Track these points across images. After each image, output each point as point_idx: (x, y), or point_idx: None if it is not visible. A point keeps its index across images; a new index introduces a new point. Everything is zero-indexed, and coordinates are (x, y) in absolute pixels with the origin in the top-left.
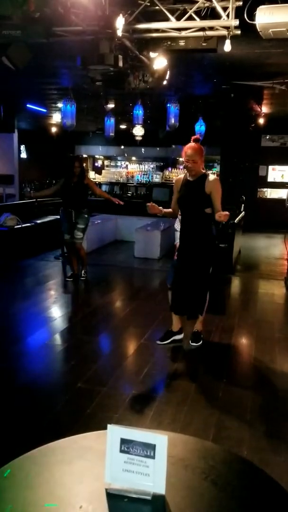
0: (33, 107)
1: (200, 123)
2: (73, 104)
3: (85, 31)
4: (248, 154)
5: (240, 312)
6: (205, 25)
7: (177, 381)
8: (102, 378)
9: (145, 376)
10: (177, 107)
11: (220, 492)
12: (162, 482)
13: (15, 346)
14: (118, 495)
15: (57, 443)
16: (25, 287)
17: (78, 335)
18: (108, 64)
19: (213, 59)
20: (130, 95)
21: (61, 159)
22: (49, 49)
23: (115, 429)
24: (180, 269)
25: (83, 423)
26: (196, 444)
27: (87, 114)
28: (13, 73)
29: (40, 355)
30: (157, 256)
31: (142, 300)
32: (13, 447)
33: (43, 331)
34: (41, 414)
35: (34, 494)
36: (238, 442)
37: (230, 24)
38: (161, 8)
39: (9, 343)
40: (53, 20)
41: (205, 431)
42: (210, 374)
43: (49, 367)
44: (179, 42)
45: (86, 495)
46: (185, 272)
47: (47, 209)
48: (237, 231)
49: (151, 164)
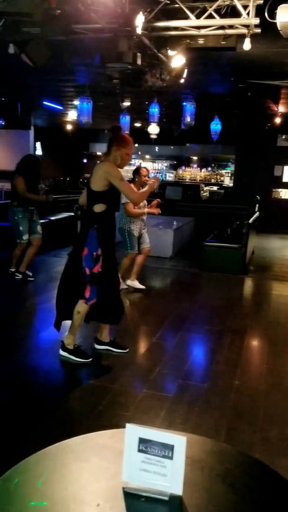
0: (50, 104)
1: (216, 122)
2: (89, 102)
3: (104, 28)
4: (263, 153)
5: (252, 313)
6: (224, 24)
7: (189, 381)
8: (114, 375)
9: (157, 375)
10: (193, 105)
11: (237, 495)
12: (179, 483)
13: (27, 342)
14: (135, 494)
15: (73, 440)
16: (38, 283)
17: (90, 332)
18: (126, 62)
19: (230, 58)
20: (146, 93)
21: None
22: (67, 47)
23: (134, 428)
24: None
25: (94, 420)
26: (213, 446)
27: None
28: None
29: (52, 351)
30: (169, 254)
31: (154, 299)
32: (25, 443)
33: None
34: (52, 410)
35: (51, 490)
36: (250, 445)
37: (250, 23)
38: (180, 6)
39: (21, 339)
40: (73, 17)
41: (216, 432)
42: (222, 375)
43: (61, 363)
44: (198, 40)
45: (103, 493)
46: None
47: (61, 206)
48: (251, 231)
49: (164, 162)
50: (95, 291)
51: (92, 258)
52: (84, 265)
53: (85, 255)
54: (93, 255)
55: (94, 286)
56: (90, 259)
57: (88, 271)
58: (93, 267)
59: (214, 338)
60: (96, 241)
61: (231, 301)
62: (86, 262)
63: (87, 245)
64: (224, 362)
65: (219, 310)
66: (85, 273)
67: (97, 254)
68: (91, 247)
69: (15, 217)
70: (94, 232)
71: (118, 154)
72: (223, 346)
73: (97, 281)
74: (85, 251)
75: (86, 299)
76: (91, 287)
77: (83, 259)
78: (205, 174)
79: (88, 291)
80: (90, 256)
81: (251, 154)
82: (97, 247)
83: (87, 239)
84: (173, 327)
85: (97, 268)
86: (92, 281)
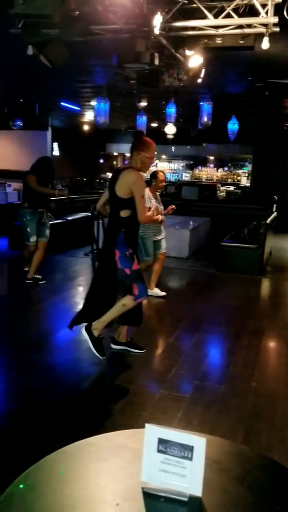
0: (67, 105)
1: (233, 122)
2: (106, 102)
3: (122, 29)
4: (281, 153)
5: (270, 314)
6: (243, 23)
7: (205, 382)
8: (131, 375)
9: (174, 376)
10: (210, 105)
11: (256, 498)
12: (199, 484)
13: (45, 341)
14: (154, 495)
15: (92, 439)
16: (55, 282)
17: (107, 332)
18: (144, 62)
19: (248, 57)
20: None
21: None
22: (85, 48)
23: (153, 428)
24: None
25: (112, 419)
26: (232, 448)
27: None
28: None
29: (69, 350)
30: (186, 255)
31: (171, 299)
32: (44, 442)
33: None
34: (69, 409)
35: (70, 489)
36: (267, 447)
37: (269, 21)
38: (198, 6)
39: (38, 338)
40: (91, 18)
41: (233, 433)
42: (239, 377)
43: (78, 362)
44: (216, 40)
45: (122, 493)
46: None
47: (78, 206)
48: (268, 231)
49: (181, 162)
50: (143, 287)
51: (127, 257)
52: (122, 267)
53: (119, 257)
54: (126, 255)
55: (140, 282)
56: (124, 259)
57: (128, 270)
58: (131, 265)
59: (231, 339)
60: (124, 243)
61: (248, 302)
62: (123, 263)
63: (118, 248)
64: (241, 364)
65: (236, 311)
66: (126, 274)
67: (129, 252)
68: (121, 249)
69: (24, 218)
70: (122, 235)
71: (138, 158)
72: (240, 347)
73: (141, 277)
74: (117, 253)
75: (135, 296)
76: (138, 283)
77: (118, 261)
78: (221, 174)
79: (136, 288)
80: (124, 256)
81: (268, 153)
82: (127, 248)
83: (116, 242)
84: (190, 327)
85: (135, 266)
86: (136, 278)
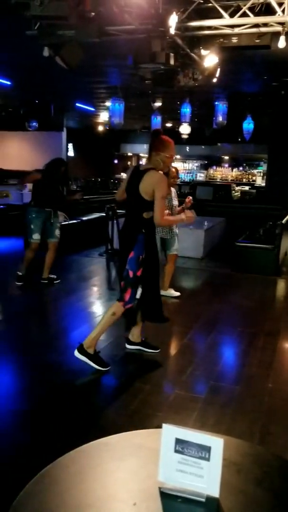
0: (82, 106)
1: (248, 121)
2: (121, 103)
3: (138, 29)
4: None
5: (285, 315)
6: (259, 22)
7: (221, 383)
8: (146, 375)
9: (189, 376)
10: (225, 104)
11: (274, 499)
12: (216, 485)
13: (60, 341)
14: (172, 495)
15: (109, 439)
16: (70, 282)
17: (121, 332)
18: (159, 62)
19: (264, 56)
20: (178, 93)
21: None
22: (100, 48)
23: (170, 428)
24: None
25: (127, 418)
26: (250, 449)
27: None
28: (64, 73)
29: None
30: (201, 255)
31: (185, 300)
32: (60, 441)
33: (87, 326)
34: (85, 409)
35: (87, 488)
36: (283, 448)
37: (285, 20)
38: (214, 5)
39: (53, 338)
40: (107, 19)
41: (249, 435)
42: (254, 378)
43: None
44: (232, 39)
45: (139, 493)
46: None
47: (92, 206)
48: (284, 232)
49: (195, 162)
50: (134, 294)
51: (137, 262)
52: (128, 267)
53: (131, 257)
54: (138, 258)
55: (134, 289)
56: (135, 262)
57: (132, 273)
58: (137, 270)
59: (246, 340)
60: (143, 245)
61: (264, 302)
62: (131, 264)
63: (135, 249)
64: (256, 365)
65: (252, 311)
66: (128, 275)
67: (142, 257)
68: (138, 251)
69: (29, 216)
70: (142, 236)
71: (158, 158)
72: (256, 348)
73: (138, 285)
74: (131, 254)
75: (126, 302)
76: (132, 290)
77: (128, 261)
78: (236, 174)
79: (128, 294)
80: (136, 259)
81: (284, 153)
82: (143, 251)
83: (136, 243)
84: (205, 328)
85: (139, 272)
86: (133, 284)
